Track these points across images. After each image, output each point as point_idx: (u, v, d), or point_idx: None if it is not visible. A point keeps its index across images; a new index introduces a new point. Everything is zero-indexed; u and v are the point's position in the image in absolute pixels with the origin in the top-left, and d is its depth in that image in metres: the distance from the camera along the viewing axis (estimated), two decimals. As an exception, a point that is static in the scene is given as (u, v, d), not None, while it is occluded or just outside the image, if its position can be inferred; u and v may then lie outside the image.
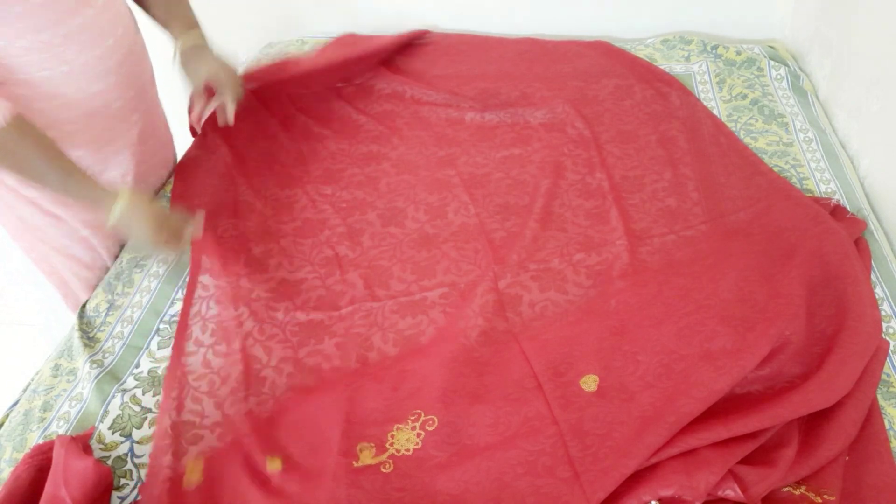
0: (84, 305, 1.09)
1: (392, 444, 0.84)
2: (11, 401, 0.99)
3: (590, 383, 0.88)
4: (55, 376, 0.98)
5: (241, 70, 1.64)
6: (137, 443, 0.88)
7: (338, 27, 1.87)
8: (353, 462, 0.82)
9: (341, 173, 1.32)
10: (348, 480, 0.80)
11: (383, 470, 0.82)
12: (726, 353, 0.87)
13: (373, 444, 0.85)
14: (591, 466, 0.78)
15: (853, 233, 1.06)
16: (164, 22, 1.15)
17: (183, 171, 1.32)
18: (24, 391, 0.99)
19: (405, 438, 0.85)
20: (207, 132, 1.41)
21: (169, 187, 1.31)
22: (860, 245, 1.06)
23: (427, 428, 0.85)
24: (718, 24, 1.71)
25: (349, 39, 1.67)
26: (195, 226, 1.09)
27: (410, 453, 0.83)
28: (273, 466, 0.83)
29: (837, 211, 1.12)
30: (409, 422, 0.86)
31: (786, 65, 1.53)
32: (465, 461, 0.82)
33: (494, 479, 0.79)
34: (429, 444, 0.84)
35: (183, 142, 1.40)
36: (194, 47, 1.14)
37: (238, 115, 1.21)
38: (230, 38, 1.88)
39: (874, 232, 1.11)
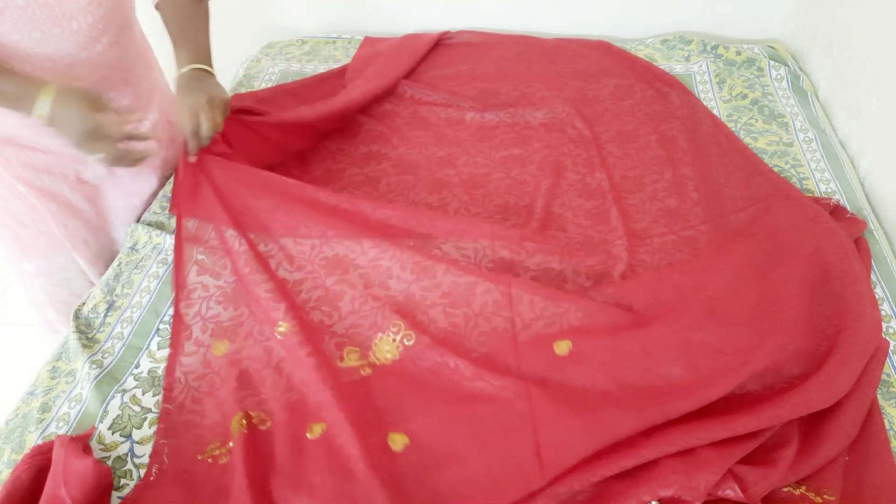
0: (80, 307, 1.08)
1: (374, 353, 0.95)
2: (12, 401, 0.98)
3: (563, 347, 0.91)
4: (53, 378, 0.98)
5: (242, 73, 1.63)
6: (137, 443, 0.88)
7: (338, 27, 1.88)
8: (338, 362, 0.95)
9: (341, 173, 1.32)
10: (333, 381, 0.90)
11: (362, 373, 0.94)
12: (706, 347, 0.88)
13: (357, 349, 0.96)
14: (552, 436, 0.80)
15: (853, 232, 1.06)
16: (174, 44, 1.12)
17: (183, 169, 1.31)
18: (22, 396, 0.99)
19: (385, 348, 0.95)
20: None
21: (169, 185, 1.30)
22: (860, 245, 1.06)
23: (405, 342, 0.95)
24: (718, 24, 1.71)
25: (371, 50, 1.65)
26: (146, 146, 1.01)
27: (388, 363, 0.94)
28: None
29: (837, 211, 1.12)
30: (391, 332, 0.96)
31: (786, 65, 1.52)
32: (435, 391, 0.89)
33: (459, 423, 0.86)
34: (406, 357, 0.94)
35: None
36: (189, 79, 1.08)
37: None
38: (230, 37, 1.88)
39: (874, 232, 1.11)
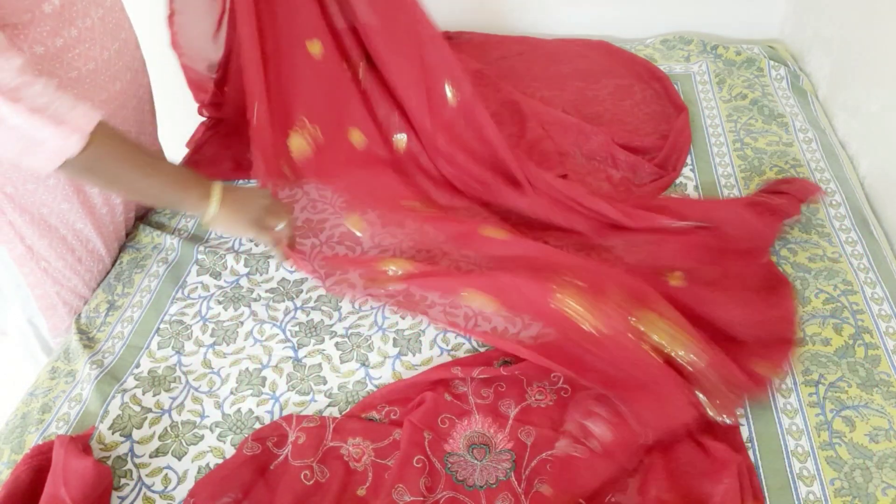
0: (80, 311, 1.08)
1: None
2: (10, 406, 0.98)
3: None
4: (53, 378, 0.98)
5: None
6: (137, 443, 0.88)
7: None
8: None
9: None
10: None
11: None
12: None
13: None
14: None
15: (804, 197, 1.09)
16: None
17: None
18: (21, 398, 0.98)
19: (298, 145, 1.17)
20: (209, 129, 1.41)
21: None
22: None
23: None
24: (718, 24, 1.71)
25: None
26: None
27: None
28: None
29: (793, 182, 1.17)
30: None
31: (786, 65, 1.52)
32: None
33: None
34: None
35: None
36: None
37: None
38: (230, 38, 1.88)
39: (874, 232, 1.10)
